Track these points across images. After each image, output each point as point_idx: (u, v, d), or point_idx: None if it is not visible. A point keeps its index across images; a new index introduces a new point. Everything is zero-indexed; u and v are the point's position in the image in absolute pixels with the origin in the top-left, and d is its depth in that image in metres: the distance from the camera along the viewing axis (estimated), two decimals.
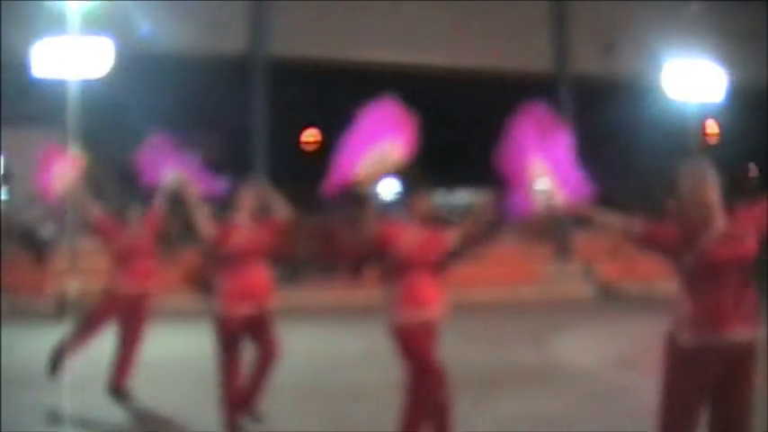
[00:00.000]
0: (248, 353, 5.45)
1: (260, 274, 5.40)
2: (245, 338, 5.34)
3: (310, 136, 21.72)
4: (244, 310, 5.26)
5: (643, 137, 16.48)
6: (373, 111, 4.40)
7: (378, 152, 4.39)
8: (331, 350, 9.30)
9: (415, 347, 4.61)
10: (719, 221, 3.49)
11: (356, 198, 4.57)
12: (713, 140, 19.31)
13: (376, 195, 4.96)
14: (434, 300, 4.73)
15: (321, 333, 10.58)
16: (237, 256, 5.28)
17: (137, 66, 13.92)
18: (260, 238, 5.39)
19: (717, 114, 13.53)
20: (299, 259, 14.03)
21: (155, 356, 7.02)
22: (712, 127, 15.08)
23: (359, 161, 4.37)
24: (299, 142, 21.46)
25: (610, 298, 15.01)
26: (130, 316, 6.27)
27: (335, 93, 17.41)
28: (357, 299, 13.42)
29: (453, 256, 4.90)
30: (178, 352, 8.77)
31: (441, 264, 4.80)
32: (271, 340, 5.42)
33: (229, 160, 16.60)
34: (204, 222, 5.33)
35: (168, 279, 10.98)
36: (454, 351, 5.01)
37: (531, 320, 11.63)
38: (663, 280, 15.17)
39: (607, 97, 17.68)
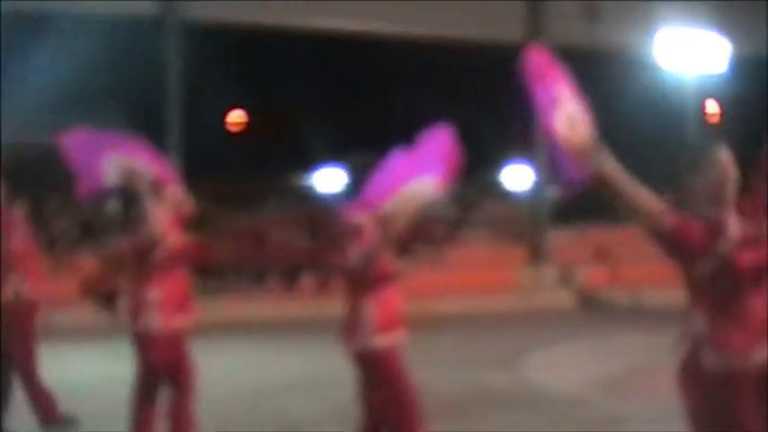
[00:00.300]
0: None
1: (183, 285, 5.40)
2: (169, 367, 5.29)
3: (236, 118, 21.55)
4: (176, 324, 5.24)
5: (633, 117, 16.69)
6: (426, 140, 4.85)
7: (415, 188, 4.78)
8: (261, 373, 9.21)
9: (397, 374, 4.74)
10: (735, 221, 3.47)
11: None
12: (715, 120, 19.64)
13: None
14: (403, 315, 4.89)
15: (249, 353, 10.48)
16: (167, 261, 5.24)
17: (27, 26, 13.71)
18: (183, 240, 5.38)
19: (718, 90, 13.75)
20: (221, 266, 13.90)
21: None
22: (713, 106, 15.32)
23: (393, 193, 4.74)
24: (223, 125, 21.27)
25: (592, 308, 15.20)
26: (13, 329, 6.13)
27: (268, 67, 17.33)
28: (292, 312, 13.43)
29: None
30: (73, 378, 8.54)
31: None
32: (189, 367, 5.38)
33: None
34: (162, 216, 5.26)
35: (62, 290, 10.82)
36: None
37: (503, 335, 11.72)
38: (651, 287, 15.51)
39: (591, 70, 17.83)
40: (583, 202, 20.99)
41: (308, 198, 18.26)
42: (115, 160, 5.45)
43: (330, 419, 6.84)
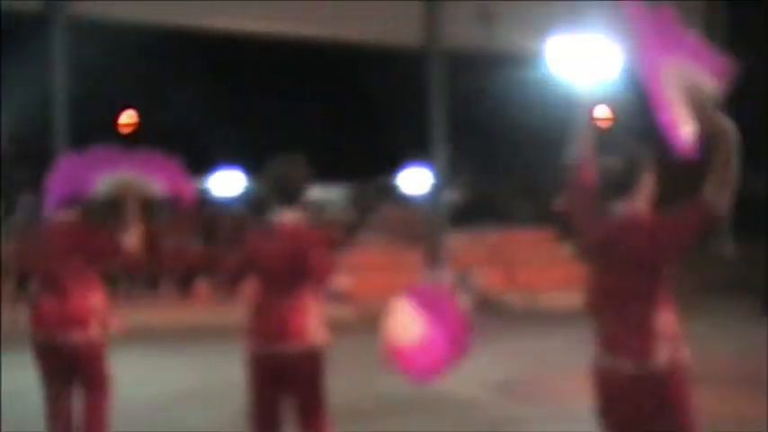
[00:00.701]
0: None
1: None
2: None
3: (127, 118, 21.09)
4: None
5: (528, 119, 17.01)
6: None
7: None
8: (155, 382, 9.09)
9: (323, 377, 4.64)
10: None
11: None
12: (605, 126, 20.16)
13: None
14: None
15: (143, 361, 10.27)
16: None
17: None
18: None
19: (610, 97, 14.08)
20: (113, 271, 13.60)
21: None
22: (604, 111, 15.71)
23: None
24: (115, 125, 20.79)
25: (489, 311, 15.42)
26: None
27: (161, 66, 17.00)
28: (186, 319, 13.25)
29: None
30: None
31: None
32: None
33: (21, 149, 15.89)
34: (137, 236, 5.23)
35: None
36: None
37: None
38: (547, 291, 15.80)
39: (487, 73, 18.13)
40: (478, 206, 21.41)
41: (204, 201, 17.98)
42: (110, 176, 5.27)
43: (228, 429, 6.76)
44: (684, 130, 3.31)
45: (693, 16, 18.46)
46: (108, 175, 5.24)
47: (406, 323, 4.53)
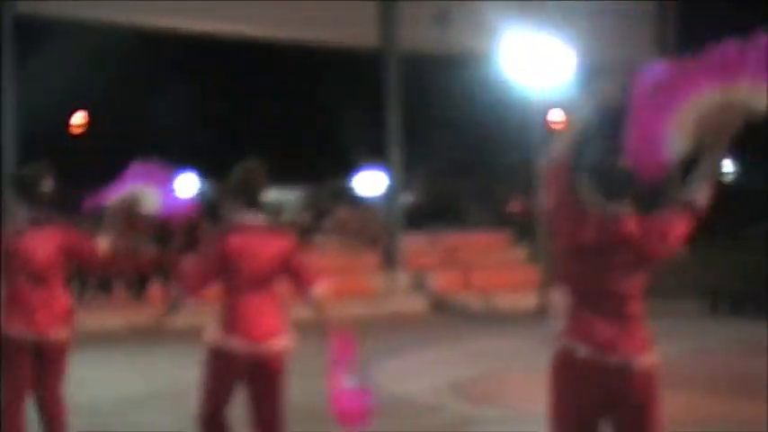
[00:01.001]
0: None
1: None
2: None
3: (79, 119, 20.83)
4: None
5: (483, 123, 17.10)
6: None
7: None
8: (109, 386, 9.04)
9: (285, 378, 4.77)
10: None
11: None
12: (558, 129, 20.26)
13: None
14: None
15: (95, 365, 10.07)
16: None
17: None
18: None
19: (562, 98, 14.21)
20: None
21: None
22: (557, 114, 15.83)
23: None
24: (66, 126, 20.54)
25: (445, 312, 15.48)
26: None
27: (113, 66, 16.81)
28: (139, 322, 13.08)
29: None
30: None
31: None
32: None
33: None
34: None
35: None
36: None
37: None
38: (502, 292, 15.90)
39: (443, 74, 18.18)
40: (434, 208, 21.47)
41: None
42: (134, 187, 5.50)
43: None
44: (663, 152, 3.57)
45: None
46: (123, 187, 5.48)
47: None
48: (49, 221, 5.29)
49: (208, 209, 14.23)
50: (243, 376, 4.70)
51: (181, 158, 23.17)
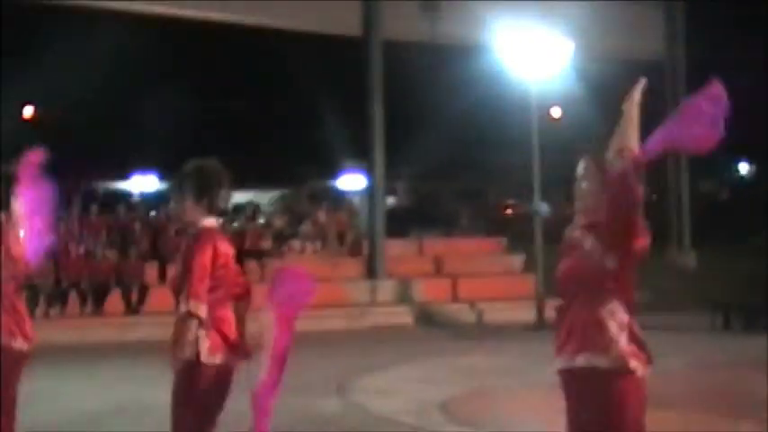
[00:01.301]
0: None
1: None
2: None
3: (30, 112, 20.62)
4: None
5: (475, 119, 16.66)
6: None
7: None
8: (68, 401, 8.81)
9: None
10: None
11: None
12: (555, 120, 19.86)
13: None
14: None
15: (55, 380, 9.81)
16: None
17: None
18: None
19: (559, 90, 13.90)
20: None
21: None
22: (553, 105, 15.46)
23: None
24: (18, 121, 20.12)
25: (431, 325, 15.01)
26: None
27: (71, 52, 16.33)
28: (97, 336, 12.92)
29: None
30: None
31: None
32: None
33: None
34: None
35: None
36: (241, 401, 4.60)
37: (337, 356, 11.63)
38: (492, 303, 15.37)
39: (429, 66, 17.73)
40: (419, 212, 20.99)
41: (118, 205, 16.88)
42: None
43: None
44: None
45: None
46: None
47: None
48: None
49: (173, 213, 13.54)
50: (225, 390, 4.56)
51: (143, 159, 22.77)
